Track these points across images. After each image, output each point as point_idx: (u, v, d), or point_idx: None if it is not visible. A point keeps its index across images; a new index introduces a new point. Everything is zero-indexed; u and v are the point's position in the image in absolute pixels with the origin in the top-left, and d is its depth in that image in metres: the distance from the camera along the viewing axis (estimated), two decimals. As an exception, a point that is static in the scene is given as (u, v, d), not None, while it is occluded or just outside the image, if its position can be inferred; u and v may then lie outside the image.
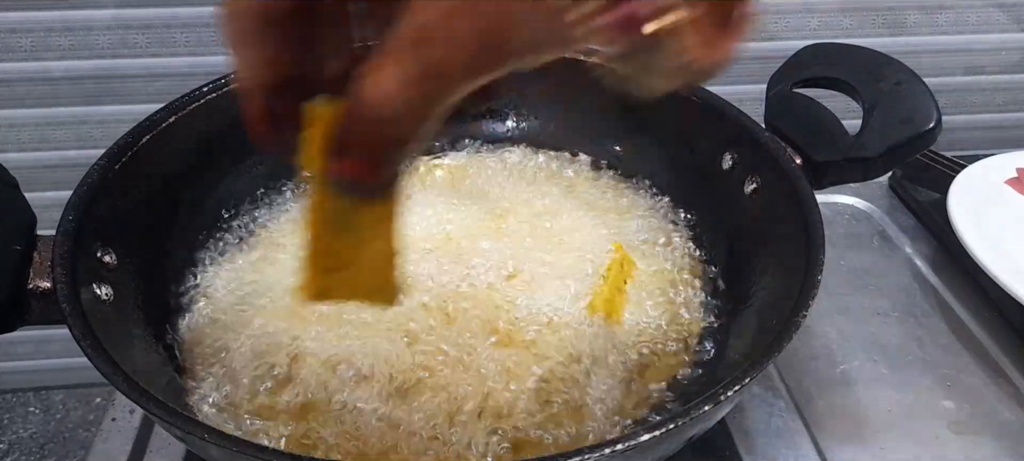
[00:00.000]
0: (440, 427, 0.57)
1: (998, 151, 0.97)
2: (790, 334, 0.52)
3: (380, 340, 0.62)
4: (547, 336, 0.63)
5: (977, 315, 0.83)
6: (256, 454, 0.45)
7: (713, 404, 0.48)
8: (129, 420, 0.70)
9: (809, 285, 0.55)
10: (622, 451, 0.45)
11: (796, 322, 0.53)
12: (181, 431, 0.47)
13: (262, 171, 0.79)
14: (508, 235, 0.73)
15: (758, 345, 0.56)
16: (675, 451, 0.53)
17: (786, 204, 0.64)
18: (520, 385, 0.59)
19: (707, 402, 0.48)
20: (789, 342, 0.51)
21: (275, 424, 0.58)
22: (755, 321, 0.63)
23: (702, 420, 0.49)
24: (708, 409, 0.47)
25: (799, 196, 0.63)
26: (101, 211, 0.60)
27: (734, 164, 0.73)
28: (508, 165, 0.83)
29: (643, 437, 0.46)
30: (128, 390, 0.48)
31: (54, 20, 1.03)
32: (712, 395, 0.48)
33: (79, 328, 0.51)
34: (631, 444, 0.45)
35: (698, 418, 0.47)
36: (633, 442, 0.45)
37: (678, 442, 0.52)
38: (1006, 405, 0.73)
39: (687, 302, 0.69)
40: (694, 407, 0.47)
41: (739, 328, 0.65)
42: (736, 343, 0.64)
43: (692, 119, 0.75)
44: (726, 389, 0.48)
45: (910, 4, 1.12)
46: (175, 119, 0.69)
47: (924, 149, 0.66)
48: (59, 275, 0.54)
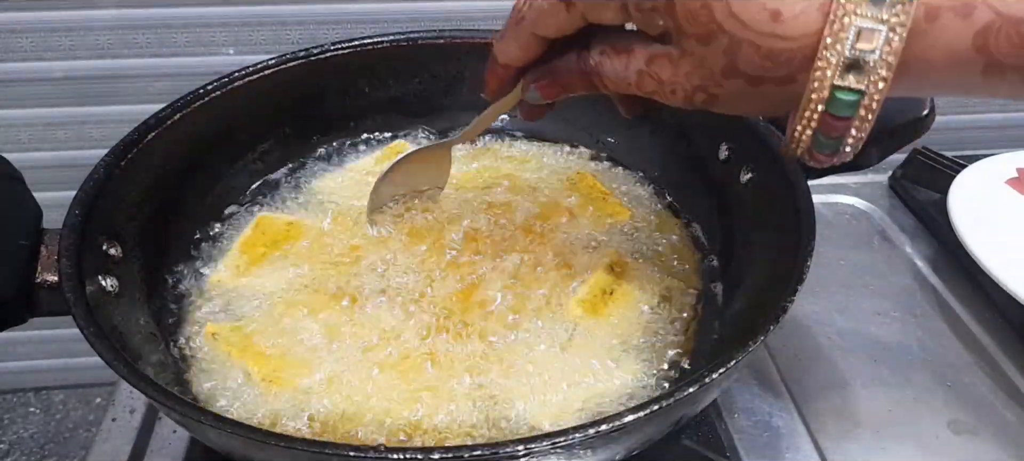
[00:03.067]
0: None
1: (998, 151, 0.97)
2: (776, 318, 0.52)
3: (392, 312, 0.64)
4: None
5: (977, 315, 0.83)
6: (256, 437, 0.46)
7: (699, 387, 0.48)
8: (129, 420, 0.71)
9: (798, 271, 0.56)
10: (607, 431, 0.46)
11: (782, 307, 0.53)
12: (184, 417, 0.48)
13: (261, 167, 0.81)
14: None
15: (748, 328, 0.57)
16: (664, 433, 0.54)
17: (780, 193, 0.65)
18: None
19: (693, 384, 0.48)
20: (776, 326, 0.52)
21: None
22: (747, 305, 0.64)
23: (689, 402, 0.49)
24: (693, 392, 0.48)
25: (793, 185, 0.64)
26: (106, 205, 0.61)
27: (730, 154, 0.74)
28: (509, 157, 0.84)
29: (627, 418, 0.46)
30: (132, 378, 0.49)
31: (54, 20, 1.03)
32: (698, 378, 0.49)
33: (83, 318, 0.52)
34: (616, 425, 0.46)
35: (684, 400, 0.48)
36: (618, 422, 0.46)
37: (665, 423, 0.53)
38: (1006, 405, 0.73)
39: (682, 290, 0.70)
40: (680, 389, 0.48)
41: (732, 313, 0.66)
42: (728, 328, 0.65)
43: (689, 111, 0.76)
44: (712, 372, 0.49)
45: (910, 4, 1.12)
46: (179, 117, 0.70)
47: (917, 137, 0.67)
48: (65, 267, 0.55)
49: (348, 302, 0.66)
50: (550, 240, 0.73)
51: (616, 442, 0.49)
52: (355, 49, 0.81)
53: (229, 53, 1.06)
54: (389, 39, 0.82)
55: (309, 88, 0.81)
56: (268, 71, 0.77)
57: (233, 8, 1.03)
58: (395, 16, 1.04)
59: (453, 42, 0.83)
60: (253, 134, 0.79)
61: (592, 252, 0.72)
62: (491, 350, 0.62)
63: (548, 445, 0.45)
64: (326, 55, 0.79)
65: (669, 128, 0.80)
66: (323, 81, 0.81)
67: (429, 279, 0.68)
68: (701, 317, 0.68)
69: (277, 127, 0.81)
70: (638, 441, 0.52)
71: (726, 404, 0.72)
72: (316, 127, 0.83)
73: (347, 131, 0.85)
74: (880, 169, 1.02)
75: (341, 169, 0.82)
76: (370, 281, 0.68)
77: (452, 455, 0.44)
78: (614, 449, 0.51)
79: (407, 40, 0.82)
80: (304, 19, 1.04)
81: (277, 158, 0.81)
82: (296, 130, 0.82)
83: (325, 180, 0.81)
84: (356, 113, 0.85)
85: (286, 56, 0.78)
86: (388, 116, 0.86)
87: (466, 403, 0.59)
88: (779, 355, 0.77)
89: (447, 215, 0.75)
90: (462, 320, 0.65)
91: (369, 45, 0.81)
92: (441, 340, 0.63)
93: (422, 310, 0.65)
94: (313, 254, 0.71)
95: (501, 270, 0.69)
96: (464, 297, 0.67)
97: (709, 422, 0.70)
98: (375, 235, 0.72)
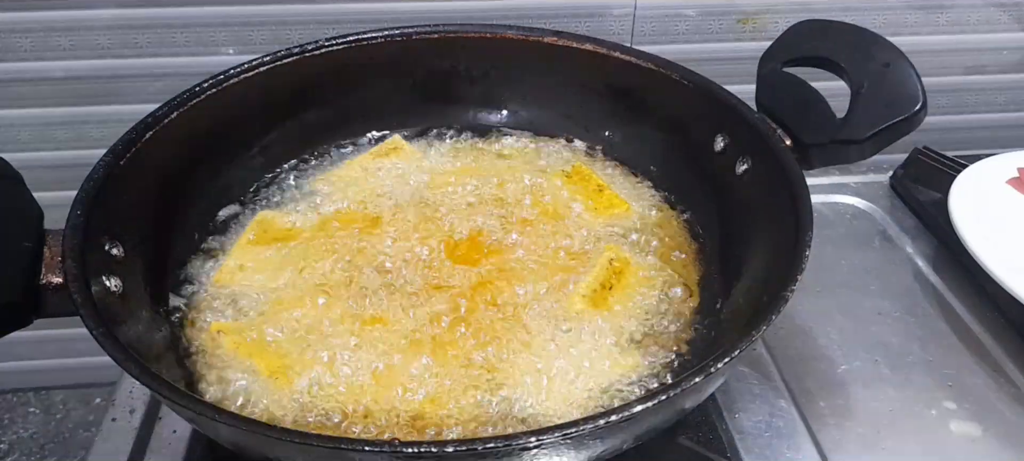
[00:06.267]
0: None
1: (998, 151, 0.97)
2: (778, 308, 0.53)
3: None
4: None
5: (978, 315, 0.83)
6: (273, 434, 0.46)
7: (704, 376, 0.49)
8: (129, 420, 0.71)
9: (797, 261, 0.56)
10: (616, 421, 0.46)
11: (784, 296, 0.54)
12: (198, 416, 0.48)
13: (260, 163, 0.81)
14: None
15: (748, 319, 0.57)
16: (669, 423, 0.54)
17: (776, 184, 0.65)
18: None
19: (698, 374, 0.49)
20: (777, 315, 0.52)
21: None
22: (746, 297, 0.64)
23: (693, 392, 0.50)
24: (699, 381, 0.49)
25: (789, 176, 0.64)
26: (108, 205, 0.61)
27: (726, 146, 0.74)
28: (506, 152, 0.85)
29: (636, 408, 0.47)
30: (144, 378, 0.49)
31: (54, 20, 1.03)
32: (702, 367, 0.49)
33: (92, 319, 0.52)
34: (625, 416, 0.46)
35: (689, 390, 0.49)
36: (627, 413, 0.46)
37: (670, 413, 0.53)
38: (1007, 405, 0.73)
39: (681, 281, 0.70)
40: (685, 379, 0.49)
41: (732, 304, 0.66)
42: (729, 318, 0.65)
43: (685, 103, 0.77)
44: (716, 361, 0.49)
45: (910, 4, 1.12)
46: (177, 115, 0.70)
47: (910, 132, 0.67)
48: (70, 268, 0.55)
49: (350, 297, 0.66)
50: (549, 234, 0.73)
51: (624, 432, 0.50)
52: (350, 45, 0.81)
53: (229, 53, 1.06)
54: (384, 34, 0.82)
55: (305, 84, 0.81)
56: (264, 68, 0.77)
57: (233, 8, 1.02)
58: (395, 16, 1.04)
59: (448, 37, 0.84)
60: (250, 131, 0.79)
61: (591, 245, 0.72)
62: (494, 344, 0.63)
63: (559, 436, 0.45)
64: (321, 51, 0.79)
65: (665, 121, 0.80)
66: (319, 77, 0.81)
67: (430, 274, 0.68)
68: (701, 308, 0.68)
69: (274, 124, 0.81)
70: (644, 430, 0.52)
71: (726, 404, 0.72)
72: (313, 123, 0.83)
73: (344, 127, 0.85)
74: (881, 169, 1.02)
75: (339, 165, 0.82)
76: (371, 276, 0.68)
77: (466, 447, 0.44)
78: (621, 438, 0.51)
79: (402, 35, 0.82)
80: (304, 19, 1.04)
81: (275, 155, 0.82)
82: (293, 126, 0.82)
83: (324, 176, 0.81)
84: (353, 109, 0.85)
85: (281, 52, 0.78)
86: (384, 112, 0.86)
87: (471, 396, 0.59)
88: (779, 355, 0.77)
89: (448, 210, 0.75)
90: (464, 314, 0.65)
91: (364, 41, 0.81)
92: (444, 334, 0.63)
93: (424, 304, 0.66)
94: (314, 250, 0.71)
95: (502, 264, 0.69)
96: (466, 292, 0.67)
97: (709, 422, 0.70)
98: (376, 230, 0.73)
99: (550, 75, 0.84)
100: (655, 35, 1.10)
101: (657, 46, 1.10)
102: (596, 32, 0.92)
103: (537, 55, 0.83)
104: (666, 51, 0.83)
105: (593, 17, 1.08)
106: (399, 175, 0.80)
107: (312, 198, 0.78)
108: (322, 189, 0.79)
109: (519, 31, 0.83)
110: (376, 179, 0.79)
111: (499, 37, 0.83)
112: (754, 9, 1.10)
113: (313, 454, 0.47)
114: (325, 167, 0.82)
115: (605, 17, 1.08)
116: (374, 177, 0.80)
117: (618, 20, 1.09)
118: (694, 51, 1.12)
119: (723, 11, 1.10)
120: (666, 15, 1.09)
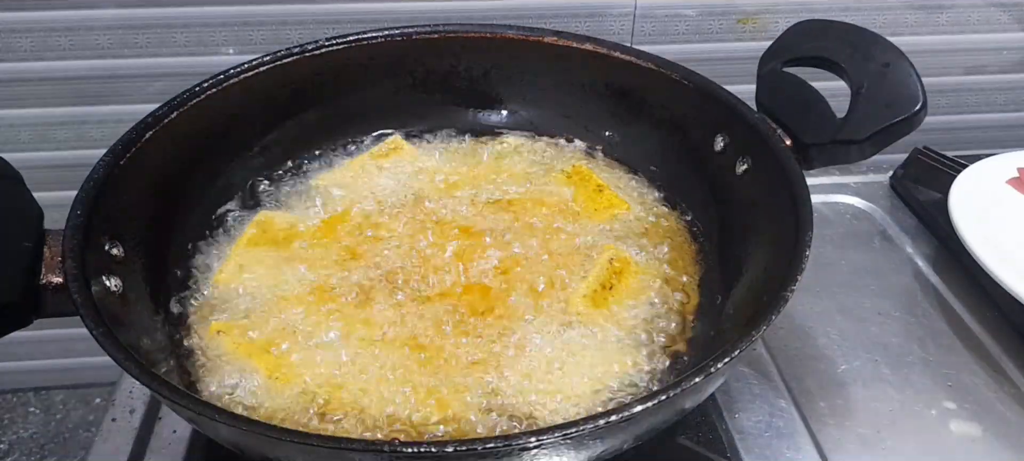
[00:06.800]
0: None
1: (998, 151, 0.97)
2: (778, 308, 0.53)
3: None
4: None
5: (978, 315, 0.83)
6: (273, 434, 0.46)
7: (704, 376, 0.49)
8: (129, 420, 0.71)
9: (797, 260, 0.56)
10: (616, 421, 0.46)
11: (784, 296, 0.54)
12: (199, 416, 0.48)
13: (260, 163, 0.81)
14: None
15: (748, 319, 0.57)
16: (670, 423, 0.54)
17: (776, 184, 0.65)
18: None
19: (698, 374, 0.49)
20: (777, 315, 0.52)
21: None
22: (747, 296, 0.64)
23: (693, 392, 0.50)
24: (699, 381, 0.49)
25: (789, 176, 0.64)
26: (108, 205, 0.61)
27: (726, 146, 0.74)
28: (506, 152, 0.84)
29: (636, 408, 0.47)
30: (144, 378, 0.49)
31: (54, 20, 1.03)
32: (702, 367, 0.49)
33: (92, 319, 0.52)
34: (625, 416, 0.46)
35: (689, 390, 0.49)
36: (627, 413, 0.46)
37: (670, 413, 0.53)
38: (1007, 405, 0.73)
39: (681, 282, 0.70)
40: (685, 379, 0.49)
41: (732, 304, 0.66)
42: (729, 318, 0.65)
43: (685, 103, 0.77)
44: (716, 361, 0.49)
45: (910, 4, 1.12)
46: (176, 115, 0.70)
47: (910, 132, 0.68)
48: (70, 268, 0.55)
49: (350, 297, 0.66)
50: (549, 234, 0.73)
51: (624, 432, 0.50)
52: (350, 45, 0.81)
53: (229, 53, 1.06)
54: (384, 34, 0.82)
55: (305, 84, 0.81)
56: (264, 68, 0.77)
57: (233, 8, 1.03)
58: (395, 16, 1.04)
59: (447, 37, 0.84)
60: (250, 131, 0.79)
61: (591, 245, 0.72)
62: (493, 343, 0.63)
63: (559, 436, 0.45)
64: (321, 51, 0.79)
65: (665, 120, 0.80)
66: (319, 77, 0.81)
67: (430, 274, 0.68)
68: (700, 308, 0.68)
69: (274, 124, 0.81)
70: (644, 430, 0.52)
71: (726, 404, 0.72)
72: (313, 123, 0.83)
73: (344, 127, 0.85)
74: (881, 169, 1.02)
75: (339, 165, 0.82)
76: (371, 276, 0.68)
77: (466, 448, 0.44)
78: (621, 438, 0.51)
79: (402, 35, 0.82)
80: (304, 19, 1.04)
81: (275, 155, 0.82)
82: (293, 126, 0.82)
83: (323, 176, 0.81)
84: (353, 109, 0.85)
85: (281, 52, 0.78)
86: (384, 112, 0.86)
87: (471, 396, 0.59)
88: (779, 355, 0.77)
89: (447, 211, 0.75)
90: (464, 314, 0.65)
91: (364, 41, 0.81)
92: (443, 334, 0.63)
93: (423, 304, 0.66)
94: (314, 250, 0.71)
95: (501, 265, 0.69)
96: (465, 292, 0.67)
97: (709, 422, 0.70)
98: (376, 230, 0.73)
99: (550, 75, 0.84)
100: (655, 35, 1.11)
101: (657, 46, 1.10)
102: (596, 32, 0.92)
103: (537, 55, 0.83)
104: (666, 51, 0.83)
105: (593, 17, 1.08)
106: (399, 175, 0.80)
107: (312, 198, 0.78)
108: (322, 189, 0.79)
109: (519, 31, 0.83)
110: (376, 179, 0.79)
111: (499, 37, 0.83)
112: (754, 9, 1.10)
113: (313, 454, 0.47)
114: (325, 167, 0.82)
115: (605, 17, 1.08)
116: (374, 177, 0.80)
117: (618, 20, 1.09)
118: (694, 51, 1.12)
119: (723, 11, 1.10)
120: (666, 15, 1.09)
